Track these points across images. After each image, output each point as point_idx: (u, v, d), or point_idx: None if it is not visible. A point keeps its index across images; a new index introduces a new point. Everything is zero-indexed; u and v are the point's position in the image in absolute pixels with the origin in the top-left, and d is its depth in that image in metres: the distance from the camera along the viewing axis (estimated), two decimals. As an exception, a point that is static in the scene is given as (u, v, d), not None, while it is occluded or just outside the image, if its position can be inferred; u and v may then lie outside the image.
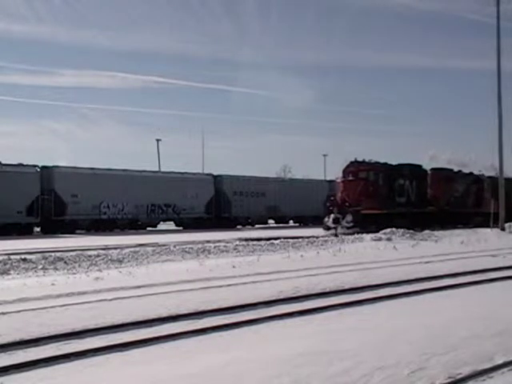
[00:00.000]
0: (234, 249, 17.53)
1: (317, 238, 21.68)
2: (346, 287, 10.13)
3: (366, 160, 29.67)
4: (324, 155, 64.51)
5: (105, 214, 30.87)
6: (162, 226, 34.69)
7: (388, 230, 24.78)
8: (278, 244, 19.12)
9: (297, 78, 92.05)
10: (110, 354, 5.87)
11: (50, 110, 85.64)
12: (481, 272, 12.46)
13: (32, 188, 27.61)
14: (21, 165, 28.07)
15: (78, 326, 6.85)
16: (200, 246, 17.93)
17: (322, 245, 19.66)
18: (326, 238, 22.00)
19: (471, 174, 37.43)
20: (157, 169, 45.14)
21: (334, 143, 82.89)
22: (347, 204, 27.57)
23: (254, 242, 19.15)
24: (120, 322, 7.14)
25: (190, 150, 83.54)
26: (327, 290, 9.83)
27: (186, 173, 35.77)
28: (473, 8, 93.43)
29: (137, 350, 6.04)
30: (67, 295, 9.07)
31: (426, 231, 26.48)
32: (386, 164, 30.49)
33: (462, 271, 12.43)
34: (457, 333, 6.62)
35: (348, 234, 24.66)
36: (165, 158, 56.63)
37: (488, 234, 25.89)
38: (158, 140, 52.21)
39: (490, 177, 39.12)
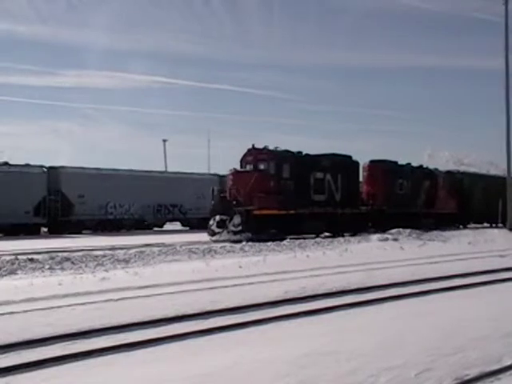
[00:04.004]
0: (241, 249, 17.51)
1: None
2: (353, 287, 10.09)
3: (271, 147, 23.36)
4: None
5: (111, 214, 30.93)
6: (168, 226, 34.73)
7: (394, 230, 24.60)
8: (284, 244, 19.09)
9: (301, 79, 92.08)
10: (116, 354, 5.86)
11: (53, 110, 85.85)
12: (489, 272, 12.40)
13: (39, 188, 27.69)
14: (28, 165, 28.18)
15: (85, 326, 6.85)
16: (206, 246, 17.93)
17: (328, 245, 19.61)
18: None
19: (421, 167, 31.46)
20: (163, 169, 45.21)
21: (338, 144, 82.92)
22: (235, 202, 21.42)
23: (261, 242, 19.11)
24: (126, 322, 7.13)
25: (195, 150, 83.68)
26: (334, 290, 9.80)
27: (192, 173, 35.80)
28: (480, 7, 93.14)
29: (143, 350, 6.04)
30: (74, 295, 9.08)
31: (434, 231, 26.27)
32: (298, 153, 24.19)
33: (470, 271, 12.37)
34: (465, 333, 6.58)
35: (235, 240, 19.71)
36: (170, 158, 56.69)
37: (495, 235, 25.77)
38: (164, 140, 52.45)
39: (448, 171, 34.48)
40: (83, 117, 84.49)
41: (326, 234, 23.75)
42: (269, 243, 18.81)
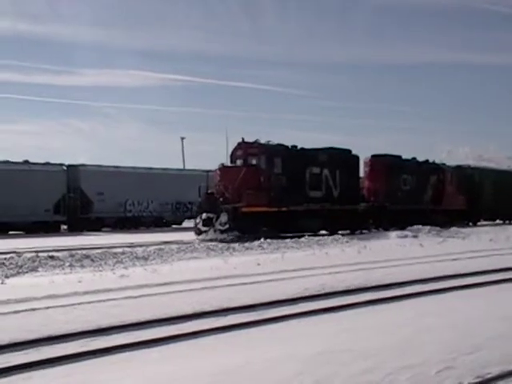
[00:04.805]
0: (259, 246, 17.51)
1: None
2: (372, 285, 10.03)
3: (262, 141, 21.94)
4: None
5: (130, 211, 31.15)
6: (186, 223, 34.83)
7: (414, 226, 24.38)
8: (302, 241, 19.04)
9: (317, 75, 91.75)
10: (134, 351, 5.90)
11: (75, 109, 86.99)
12: (510, 270, 12.22)
13: (59, 186, 28.01)
14: (48, 163, 28.52)
15: (104, 323, 6.90)
16: (224, 243, 17.95)
17: (346, 242, 19.55)
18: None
19: (427, 162, 29.71)
20: (181, 166, 45.35)
21: (354, 140, 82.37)
22: (221, 199, 20.12)
23: (279, 239, 19.08)
24: (145, 319, 7.18)
25: (213, 147, 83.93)
26: (352, 287, 9.75)
27: (210, 170, 35.84)
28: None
29: (161, 347, 6.06)
30: (94, 292, 9.16)
31: (454, 228, 25.94)
32: (293, 147, 22.69)
33: (490, 269, 12.20)
34: (485, 332, 6.49)
35: (223, 240, 18.89)
36: (188, 155, 56.90)
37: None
38: (182, 138, 52.58)
39: (457, 166, 32.91)
40: (105, 116, 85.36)
41: (323, 231, 22.68)
42: (287, 240, 18.77)
